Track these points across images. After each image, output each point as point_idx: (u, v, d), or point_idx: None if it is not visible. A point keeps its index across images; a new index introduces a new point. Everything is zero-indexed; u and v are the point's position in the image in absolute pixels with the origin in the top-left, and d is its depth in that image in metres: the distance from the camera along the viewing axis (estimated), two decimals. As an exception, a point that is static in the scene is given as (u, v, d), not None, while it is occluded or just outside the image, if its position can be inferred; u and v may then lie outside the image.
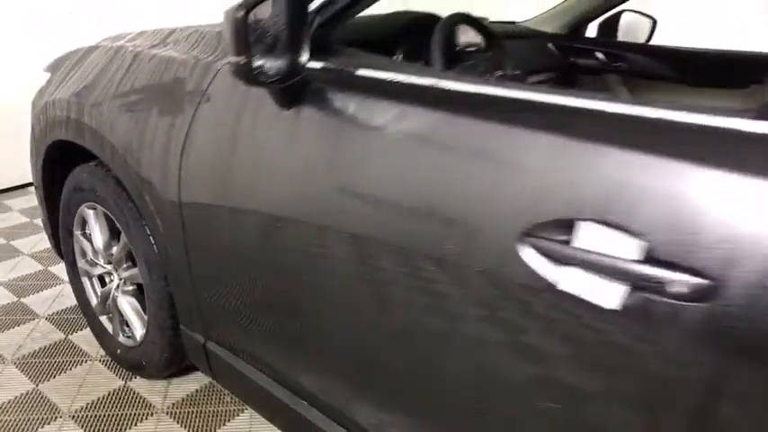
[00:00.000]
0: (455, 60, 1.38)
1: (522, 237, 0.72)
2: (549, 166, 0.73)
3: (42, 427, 1.54)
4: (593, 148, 0.70)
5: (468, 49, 1.56)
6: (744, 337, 0.60)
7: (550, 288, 0.71)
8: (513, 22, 2.27)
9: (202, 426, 1.57)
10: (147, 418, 1.59)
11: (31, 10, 3.11)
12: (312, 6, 1.00)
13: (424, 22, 1.38)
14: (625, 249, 0.65)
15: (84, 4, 3.31)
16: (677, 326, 0.63)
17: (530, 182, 0.74)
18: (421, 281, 0.85)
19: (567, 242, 0.69)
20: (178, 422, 1.58)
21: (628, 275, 0.65)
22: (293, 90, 0.98)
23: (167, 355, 1.56)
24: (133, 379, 1.74)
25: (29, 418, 1.57)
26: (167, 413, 1.62)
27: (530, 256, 0.72)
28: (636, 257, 0.64)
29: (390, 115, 0.90)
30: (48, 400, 1.64)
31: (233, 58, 0.85)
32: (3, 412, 1.59)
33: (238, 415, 1.61)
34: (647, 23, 2.22)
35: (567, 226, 0.69)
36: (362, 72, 0.97)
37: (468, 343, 0.83)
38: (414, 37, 1.36)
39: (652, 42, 2.20)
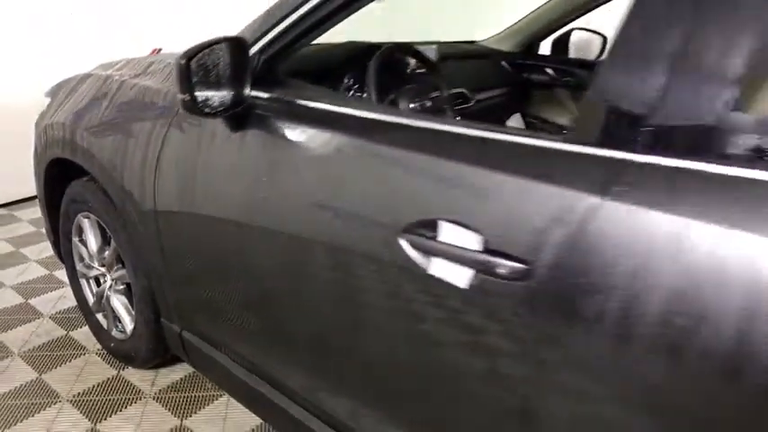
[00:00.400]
0: (399, 84, 1.58)
1: (402, 232, 0.92)
2: (418, 179, 0.93)
3: (45, 409, 1.76)
4: (447, 164, 0.90)
5: (418, 71, 1.77)
6: (553, 307, 0.78)
7: (423, 272, 0.90)
8: (473, 42, 2.47)
9: (184, 409, 1.77)
10: (135, 402, 1.80)
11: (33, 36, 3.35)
12: (258, 46, 1.21)
13: (368, 53, 1.58)
14: (470, 242, 0.84)
15: (84, 6, 3.48)
16: (506, 299, 0.82)
17: (406, 190, 0.94)
18: (337, 270, 1.05)
19: (432, 237, 0.89)
20: (163, 405, 1.79)
21: (472, 262, 0.84)
22: (239, 117, 1.19)
23: (152, 345, 1.77)
24: (125, 369, 1.95)
25: (33, 403, 1.79)
26: (154, 398, 1.82)
27: (407, 247, 0.92)
28: (477, 248, 0.84)
29: (315, 137, 1.10)
30: (49, 387, 1.85)
31: (179, 96, 1.05)
32: (11, 397, 1.80)
33: (217, 399, 1.82)
34: (598, 40, 2.41)
35: (432, 224, 0.89)
36: (299, 101, 1.18)
37: (375, 320, 1.03)
38: (359, 66, 1.56)
39: (603, 58, 2.39)
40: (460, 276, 0.86)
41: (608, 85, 0.77)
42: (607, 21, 2.35)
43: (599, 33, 2.39)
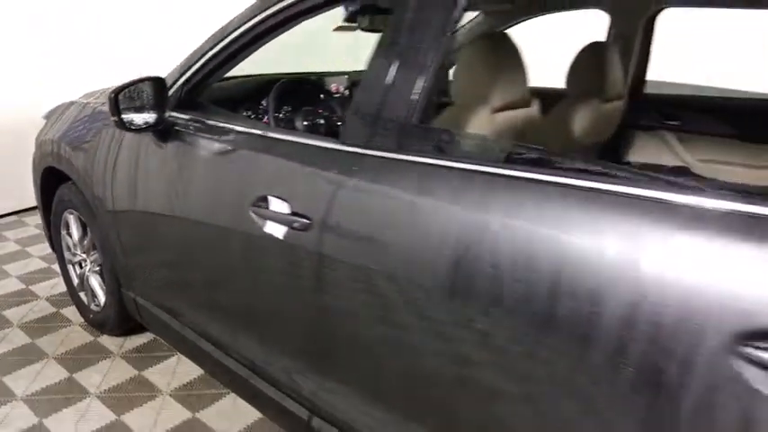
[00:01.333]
0: (300, 107, 2.07)
1: (250, 206, 1.39)
2: (260, 171, 1.41)
3: (32, 364, 2.24)
4: (276, 160, 1.38)
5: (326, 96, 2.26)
6: (327, 246, 1.24)
7: (264, 232, 1.37)
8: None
9: (145, 364, 2.24)
10: (105, 359, 2.27)
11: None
12: (181, 80, 1.70)
13: (273, 83, 2.07)
14: (283, 208, 1.31)
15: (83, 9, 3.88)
16: (301, 242, 1.28)
17: (254, 179, 1.41)
18: (222, 238, 1.52)
19: (265, 207, 1.36)
20: (128, 362, 2.26)
21: (284, 221, 1.31)
22: (163, 132, 1.68)
23: (118, 313, 2.25)
24: (100, 336, 2.43)
25: (25, 359, 2.27)
26: (121, 356, 2.29)
27: (254, 216, 1.38)
28: (287, 212, 1.30)
29: (210, 145, 1.58)
30: (39, 349, 2.34)
31: (111, 118, 1.55)
32: (8, 355, 2.29)
33: (170, 357, 2.28)
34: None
35: (265, 199, 1.36)
36: (205, 120, 1.66)
37: (252, 271, 1.49)
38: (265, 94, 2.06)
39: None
40: (279, 231, 1.32)
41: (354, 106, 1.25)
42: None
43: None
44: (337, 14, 2.08)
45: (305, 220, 1.26)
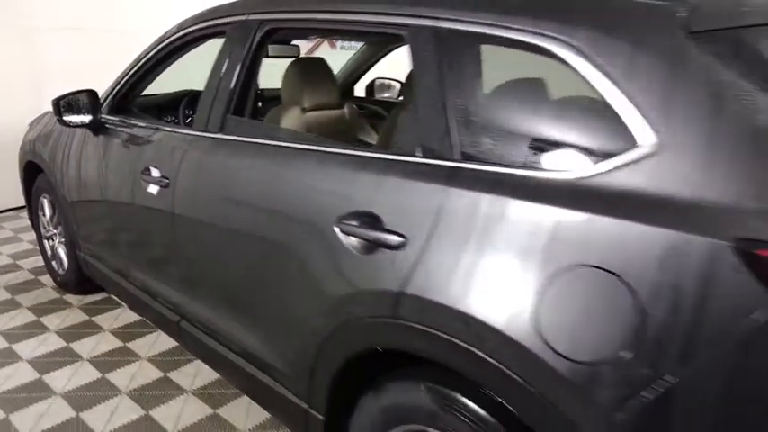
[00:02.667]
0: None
1: (141, 173, 2.04)
2: (145, 148, 2.07)
3: (8, 312, 2.91)
4: (151, 141, 2.03)
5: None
6: (187, 199, 1.89)
7: (147, 192, 2.02)
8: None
9: (96, 311, 2.89)
10: (65, 309, 2.93)
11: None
12: (114, 90, 2.39)
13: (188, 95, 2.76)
14: (155, 173, 1.96)
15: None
16: (165, 197, 1.93)
17: (143, 156, 2.07)
18: (132, 200, 2.17)
19: (149, 174, 2.01)
20: (83, 312, 2.92)
21: (155, 182, 1.96)
22: (96, 129, 2.35)
23: (75, 272, 2.91)
24: (65, 294, 3.10)
25: (3, 309, 2.94)
26: (78, 308, 2.95)
27: (142, 181, 2.04)
28: (157, 175, 1.95)
29: (125, 139, 2.25)
30: (16, 301, 3.02)
31: (55, 117, 2.23)
32: (-7, 307, 2.97)
33: (119, 307, 2.93)
34: (396, 85, 3.53)
35: (148, 169, 2.01)
36: (126, 120, 2.33)
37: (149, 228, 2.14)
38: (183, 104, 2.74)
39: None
40: (154, 189, 1.97)
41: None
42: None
43: (396, 80, 3.52)
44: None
45: (166, 180, 1.91)
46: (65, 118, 2.26)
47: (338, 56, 3.47)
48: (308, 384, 1.52)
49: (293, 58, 2.23)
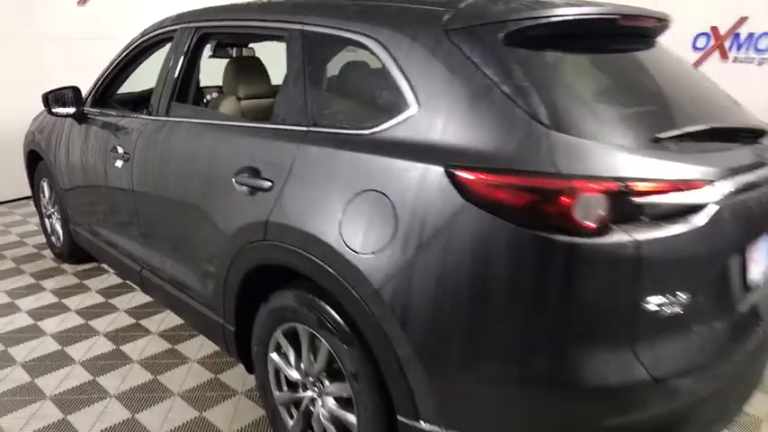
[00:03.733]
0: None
1: (109, 152, 2.53)
2: (114, 131, 2.56)
3: (13, 276, 3.43)
4: (119, 127, 2.53)
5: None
6: (142, 169, 2.38)
7: (115, 166, 2.51)
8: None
9: (86, 275, 3.40)
10: (62, 275, 3.45)
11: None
12: (96, 87, 2.89)
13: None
14: (120, 150, 2.45)
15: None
16: (125, 169, 2.42)
17: (111, 137, 2.57)
18: (105, 175, 2.67)
19: (115, 151, 2.51)
20: (76, 276, 3.43)
21: (119, 158, 2.45)
22: (80, 118, 2.86)
23: (68, 243, 3.42)
24: (62, 264, 3.61)
25: (9, 275, 3.46)
26: (72, 273, 3.47)
27: (111, 157, 2.53)
28: (121, 152, 2.44)
29: (101, 126, 2.74)
30: (21, 269, 3.54)
31: (44, 108, 2.73)
32: (1, 273, 3.49)
33: (108, 272, 3.44)
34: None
35: (115, 148, 2.50)
36: (104, 111, 2.83)
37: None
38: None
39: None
40: (119, 163, 2.46)
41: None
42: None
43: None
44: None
45: (127, 155, 2.40)
46: (53, 110, 2.77)
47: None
48: (222, 304, 1.99)
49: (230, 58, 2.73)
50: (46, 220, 3.74)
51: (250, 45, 3.52)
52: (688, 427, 1.38)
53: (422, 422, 1.41)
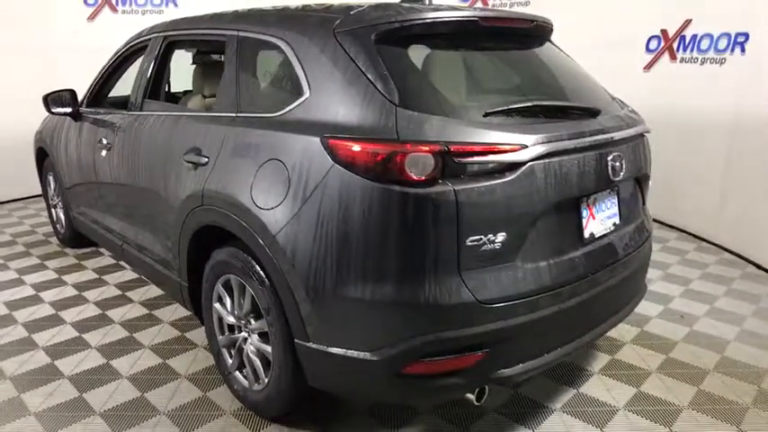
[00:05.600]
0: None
1: (96, 143, 2.96)
2: (102, 126, 2.99)
3: (22, 258, 3.89)
4: (106, 122, 2.96)
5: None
6: (127, 157, 2.80)
7: (101, 155, 2.94)
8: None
9: (86, 258, 3.84)
10: (64, 257, 3.89)
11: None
12: (91, 89, 3.34)
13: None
14: (104, 141, 2.87)
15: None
16: (108, 157, 2.84)
17: (98, 131, 3.00)
18: (94, 164, 3.10)
19: (101, 142, 2.93)
20: (76, 258, 3.87)
21: (103, 147, 2.87)
22: (76, 117, 3.30)
23: (70, 229, 3.87)
24: (66, 249, 4.06)
25: (19, 257, 3.92)
26: (73, 256, 3.91)
27: (97, 148, 2.95)
28: (105, 142, 2.87)
29: (93, 122, 3.18)
30: (30, 253, 4.00)
31: (44, 108, 3.19)
32: (12, 256, 3.95)
33: (105, 255, 3.87)
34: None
35: (101, 140, 2.93)
36: (97, 110, 3.27)
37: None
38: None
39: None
40: (104, 152, 2.89)
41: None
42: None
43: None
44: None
45: (110, 145, 2.82)
46: (52, 110, 3.23)
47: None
48: (178, 264, 2.38)
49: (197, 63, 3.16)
50: (52, 210, 4.20)
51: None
52: (517, 344, 1.71)
53: (311, 343, 1.77)
